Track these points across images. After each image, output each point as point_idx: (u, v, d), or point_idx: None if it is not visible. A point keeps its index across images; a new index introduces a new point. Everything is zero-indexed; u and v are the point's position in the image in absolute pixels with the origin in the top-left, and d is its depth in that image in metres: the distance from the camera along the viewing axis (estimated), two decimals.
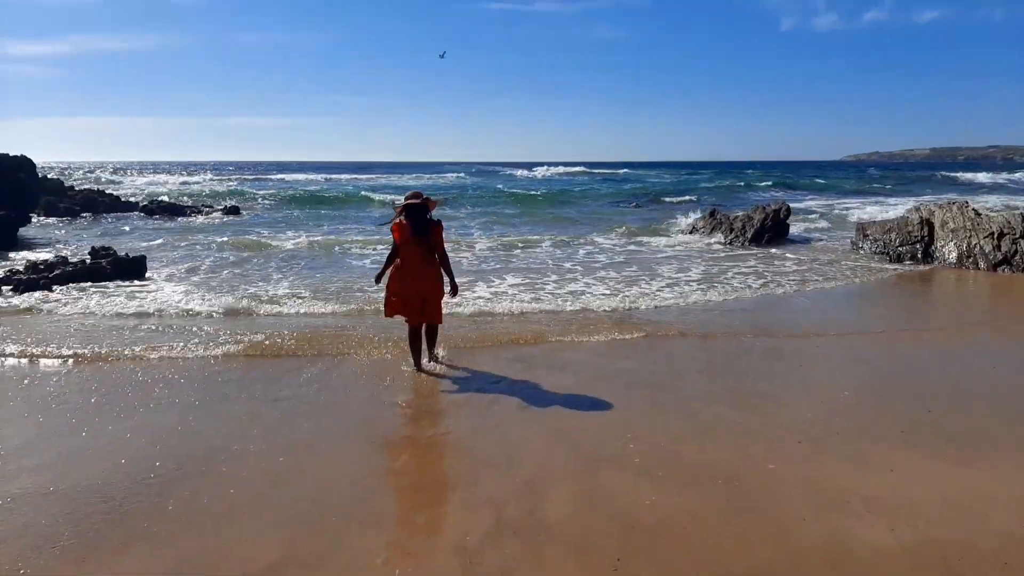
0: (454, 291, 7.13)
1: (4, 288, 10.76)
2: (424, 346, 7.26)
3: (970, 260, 13.84)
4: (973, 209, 14.90)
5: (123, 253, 12.76)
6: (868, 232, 16.15)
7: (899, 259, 14.66)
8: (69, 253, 13.93)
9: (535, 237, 18.04)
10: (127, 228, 20.80)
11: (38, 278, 11.02)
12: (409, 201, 6.92)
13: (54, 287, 10.81)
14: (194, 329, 8.31)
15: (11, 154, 18.78)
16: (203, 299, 9.88)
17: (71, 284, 11.02)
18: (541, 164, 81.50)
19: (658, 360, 7.32)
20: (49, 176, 29.72)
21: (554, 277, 12.06)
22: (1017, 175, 60.59)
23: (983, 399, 6.08)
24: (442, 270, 7.04)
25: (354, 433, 5.34)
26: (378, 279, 7.21)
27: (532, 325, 8.69)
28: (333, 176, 62.71)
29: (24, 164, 18.69)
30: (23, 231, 18.46)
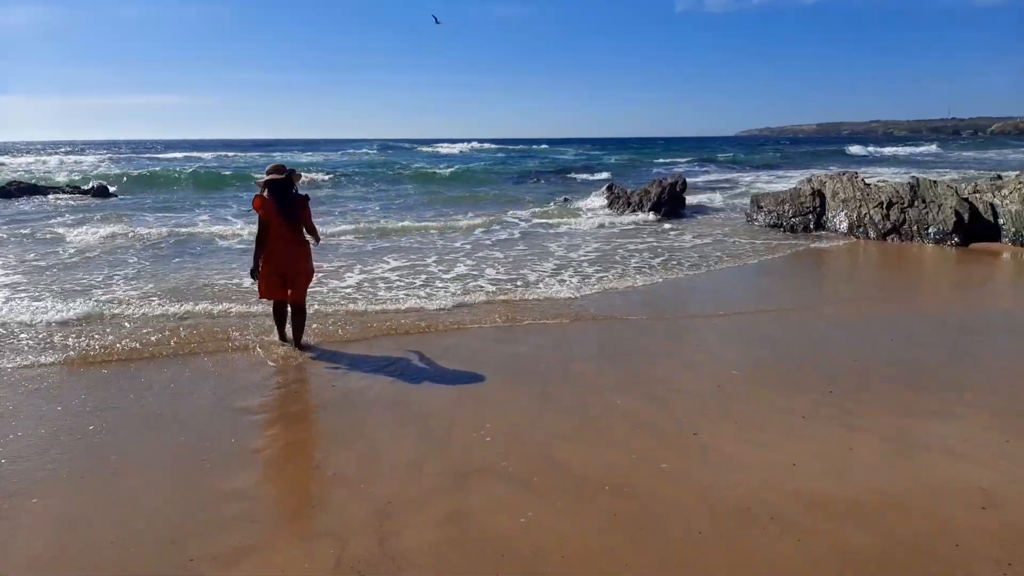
0: (316, 240, 6.71)
1: None
2: (289, 332, 6.68)
3: (860, 230, 13.93)
4: (862, 180, 15.04)
5: None
6: (762, 204, 16.12)
7: (792, 230, 14.66)
8: None
9: (428, 223, 17.13)
10: None
11: None
12: (271, 176, 6.32)
13: None
14: (12, 332, 7.09)
15: None
16: (32, 295, 8.53)
17: None
18: (448, 140, 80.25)
19: (549, 346, 6.72)
20: None
21: (440, 259, 11.23)
22: (922, 148, 62.25)
23: (883, 378, 5.74)
24: (308, 236, 6.58)
25: (184, 449, 4.47)
26: (254, 273, 6.47)
27: (414, 311, 7.92)
28: (231, 154, 59.35)
29: None
30: None
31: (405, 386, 5.62)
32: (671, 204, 17.58)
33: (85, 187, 24.64)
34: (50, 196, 22.96)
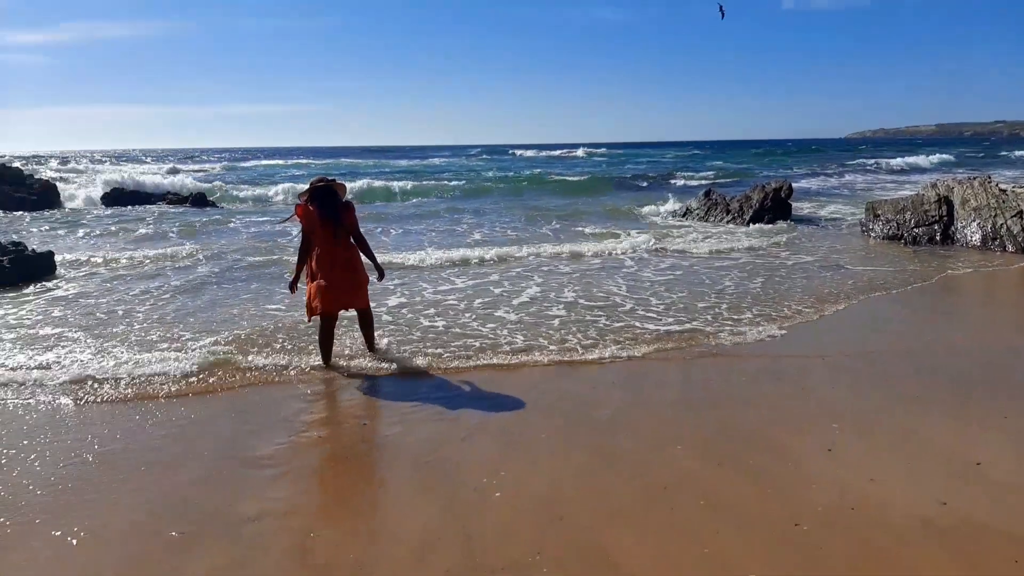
0: (381, 275, 6.53)
1: None
2: (363, 339, 6.56)
3: (996, 242, 12.17)
4: (997, 185, 13.19)
5: (32, 249, 11.20)
6: (879, 212, 14.47)
7: (915, 242, 12.99)
8: None
9: (506, 249, 16.14)
10: (75, 218, 19.18)
11: None
12: (317, 184, 6.07)
13: None
14: (37, 363, 6.49)
15: None
16: (74, 320, 7.94)
17: None
18: (552, 146, 79.95)
19: (621, 388, 5.68)
20: (16, 165, 28.78)
21: (508, 278, 10.08)
22: None
23: None
24: (363, 255, 6.30)
25: (160, 512, 3.75)
26: (293, 287, 6.29)
27: (474, 340, 6.97)
28: (334, 160, 60.59)
29: None
30: None
31: (441, 434, 4.77)
32: (775, 212, 16.15)
33: (184, 195, 25.19)
34: (156, 204, 23.63)
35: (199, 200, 24.59)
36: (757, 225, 15.52)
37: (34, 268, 10.65)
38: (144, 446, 4.67)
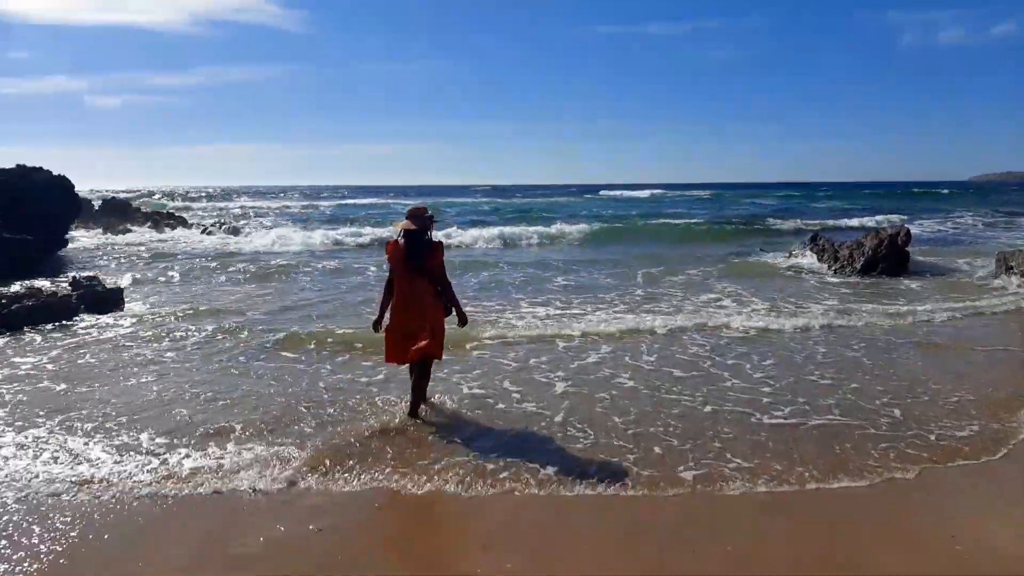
0: (463, 322, 6.06)
1: None
2: (413, 390, 5.96)
3: None
4: None
5: (105, 285, 11.19)
6: (1012, 264, 12.84)
7: None
8: (52, 282, 12.33)
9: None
10: (166, 253, 19.46)
11: None
12: (407, 227, 5.73)
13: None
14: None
15: (51, 171, 17.80)
16: (94, 374, 7.21)
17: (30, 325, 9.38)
18: (631, 186, 78.99)
19: (685, 502, 4.56)
20: (121, 197, 30.82)
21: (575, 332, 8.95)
22: None
23: None
24: (446, 299, 5.92)
25: None
26: (377, 326, 6.04)
27: (525, 428, 5.76)
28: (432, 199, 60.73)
29: (57, 183, 17.53)
30: (62, 253, 17.55)
31: (461, 539, 3.98)
32: (890, 261, 14.50)
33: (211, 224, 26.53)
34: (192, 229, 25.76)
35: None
36: (869, 273, 14.08)
37: (102, 303, 10.61)
38: (93, 547, 3.98)
